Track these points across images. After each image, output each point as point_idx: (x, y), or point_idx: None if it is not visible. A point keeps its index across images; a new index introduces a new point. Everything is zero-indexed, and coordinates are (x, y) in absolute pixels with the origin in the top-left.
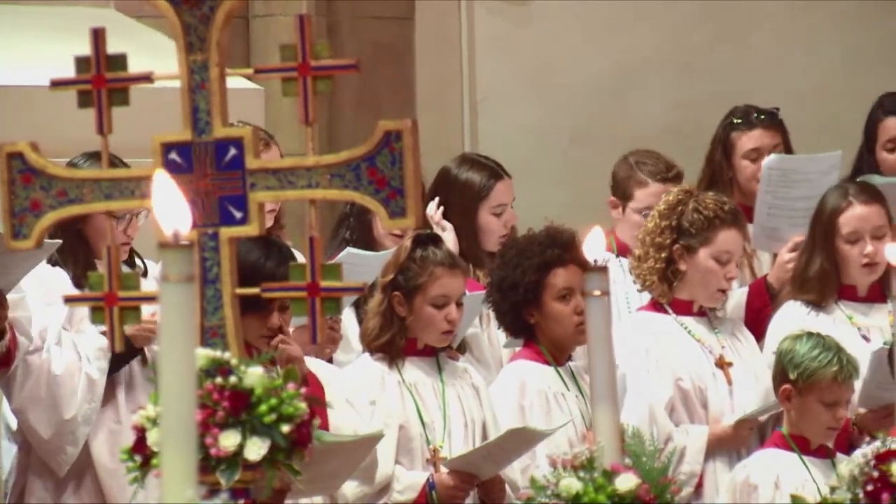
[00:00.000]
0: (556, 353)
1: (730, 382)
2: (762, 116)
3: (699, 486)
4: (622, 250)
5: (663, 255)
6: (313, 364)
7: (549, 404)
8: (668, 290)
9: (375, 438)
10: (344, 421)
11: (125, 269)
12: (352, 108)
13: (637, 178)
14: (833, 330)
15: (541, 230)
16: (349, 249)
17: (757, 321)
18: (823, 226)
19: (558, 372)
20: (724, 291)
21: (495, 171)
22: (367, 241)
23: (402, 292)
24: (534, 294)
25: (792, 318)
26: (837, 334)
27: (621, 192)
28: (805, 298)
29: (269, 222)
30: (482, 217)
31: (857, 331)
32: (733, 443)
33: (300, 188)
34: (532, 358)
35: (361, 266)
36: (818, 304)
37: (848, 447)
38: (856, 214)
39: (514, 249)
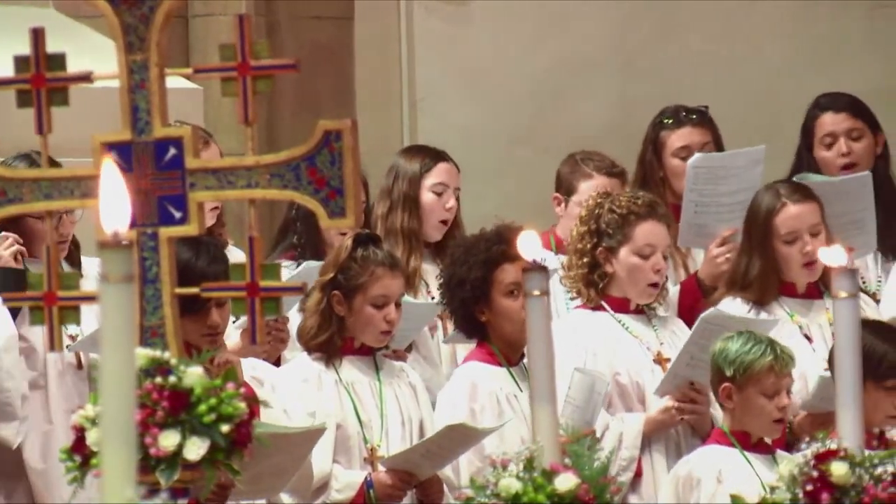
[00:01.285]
0: (508, 353)
1: None
2: (692, 115)
3: (638, 474)
4: (561, 249)
5: (585, 260)
6: (258, 367)
7: (500, 406)
8: (595, 295)
9: (320, 431)
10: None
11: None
12: (291, 108)
13: (582, 172)
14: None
15: (491, 228)
16: (307, 264)
17: (690, 318)
18: (759, 228)
19: (511, 372)
20: (654, 285)
21: (439, 155)
22: (315, 244)
23: (341, 291)
24: (482, 291)
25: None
26: (779, 332)
27: (566, 187)
28: (745, 297)
29: (212, 220)
30: (423, 195)
31: (798, 328)
32: (667, 422)
33: (240, 188)
34: (484, 359)
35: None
36: (759, 303)
37: (785, 450)
38: (791, 214)
39: (462, 247)
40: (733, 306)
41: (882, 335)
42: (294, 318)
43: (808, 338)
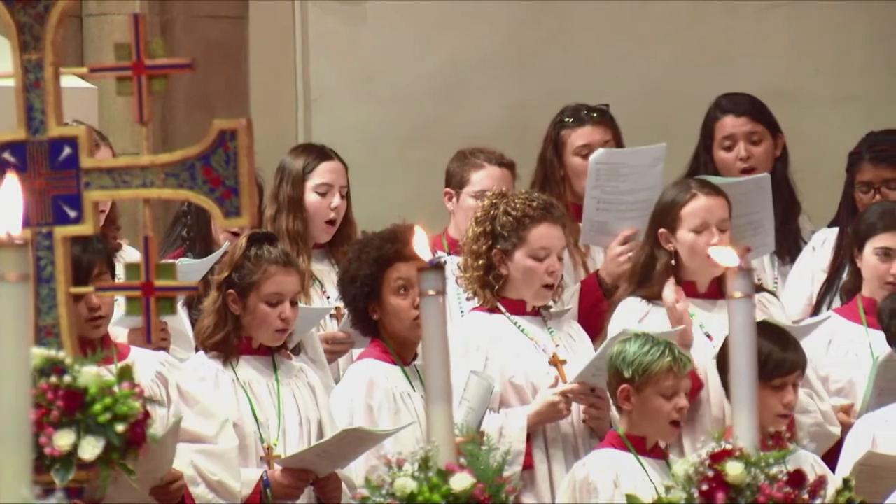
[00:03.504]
0: (401, 352)
1: (564, 380)
2: (592, 114)
3: (527, 466)
4: (454, 248)
5: (481, 262)
6: (177, 373)
7: (396, 404)
8: (490, 296)
9: (176, 428)
10: (199, 429)
11: None
12: (185, 108)
13: (472, 164)
14: (668, 326)
15: (388, 227)
16: (181, 260)
17: (591, 316)
18: (666, 219)
19: (404, 371)
20: (549, 287)
21: (323, 153)
22: (205, 238)
23: (236, 290)
24: (372, 288)
25: (630, 314)
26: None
27: (457, 181)
28: (644, 294)
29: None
30: (307, 196)
31: (699, 328)
32: (552, 413)
33: (135, 187)
34: (379, 357)
35: (192, 273)
36: (657, 299)
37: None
38: (702, 205)
39: (358, 244)
40: (631, 305)
41: (767, 334)
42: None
43: (708, 336)
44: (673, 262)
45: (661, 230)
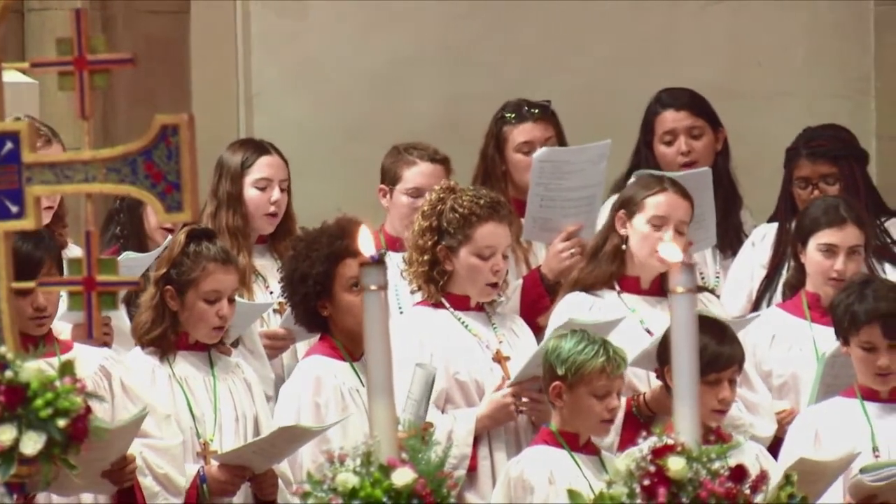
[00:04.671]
0: (350, 348)
1: (508, 377)
2: (534, 110)
3: (472, 469)
4: (391, 244)
5: (426, 257)
6: (120, 368)
7: (344, 401)
8: (435, 290)
9: (140, 419)
10: (143, 425)
11: None
12: (127, 103)
13: (405, 160)
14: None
15: (332, 222)
16: (127, 254)
17: (532, 312)
18: (629, 204)
19: (353, 367)
20: (493, 285)
21: (262, 147)
22: (139, 236)
23: (174, 287)
24: (324, 285)
25: (573, 307)
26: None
27: (390, 177)
28: (588, 282)
29: (47, 219)
30: (246, 192)
31: (639, 323)
32: (502, 413)
33: (77, 182)
34: (327, 353)
35: (134, 268)
36: (600, 290)
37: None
38: (667, 201)
39: (304, 241)
40: (574, 299)
41: (704, 328)
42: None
43: (649, 332)
44: (623, 247)
45: (621, 212)
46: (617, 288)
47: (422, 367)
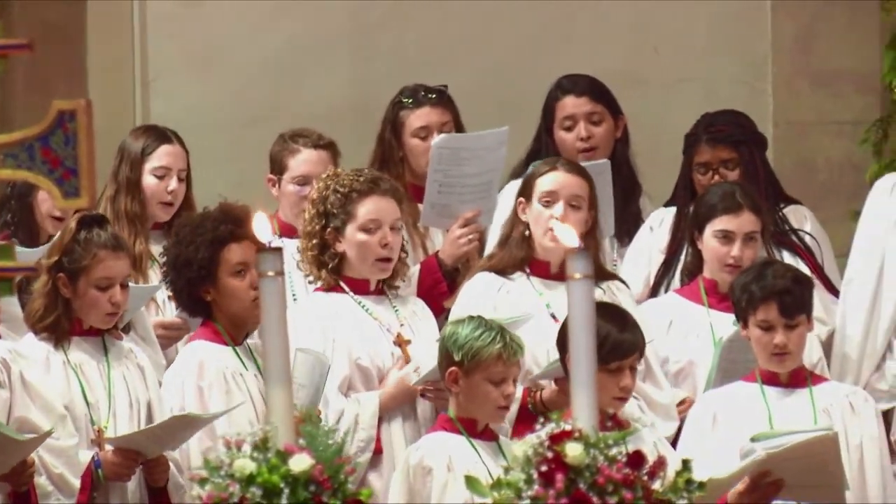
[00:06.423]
0: (233, 332)
1: (408, 360)
2: (431, 95)
3: (378, 451)
4: (285, 231)
5: (314, 242)
6: (22, 362)
7: (228, 384)
8: (327, 275)
9: (46, 436)
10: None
11: None
12: (23, 88)
13: (290, 149)
14: (521, 302)
15: (215, 207)
16: (19, 250)
17: (430, 298)
18: (526, 189)
19: (236, 351)
20: (385, 260)
21: (164, 136)
22: (29, 224)
23: (66, 274)
24: (209, 270)
25: (481, 288)
26: (525, 307)
27: (277, 167)
28: (499, 267)
29: None
30: (144, 178)
31: (545, 307)
32: (405, 396)
33: None
34: (210, 338)
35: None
36: (510, 273)
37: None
38: (554, 178)
39: (188, 227)
40: (483, 280)
41: (605, 316)
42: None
43: (554, 317)
44: (527, 233)
45: (520, 199)
46: (527, 271)
47: (303, 352)
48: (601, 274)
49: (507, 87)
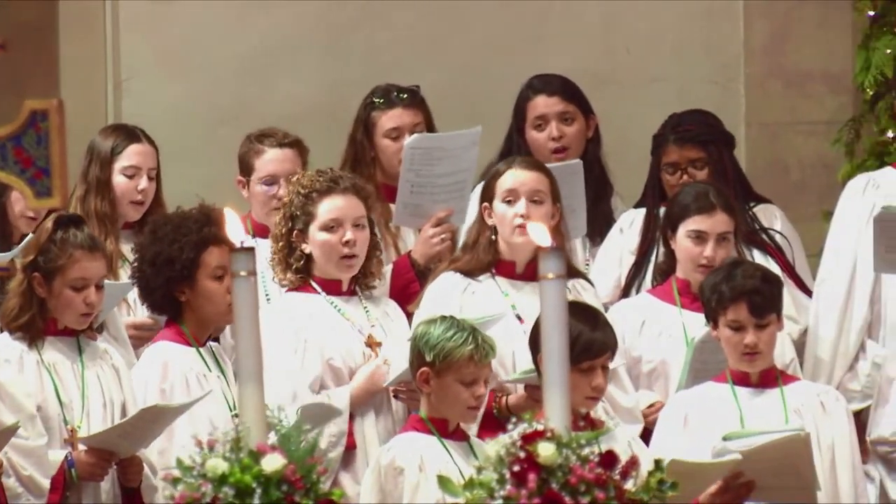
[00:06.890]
0: (197, 334)
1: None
2: (402, 95)
3: (350, 447)
4: (258, 231)
5: (280, 244)
6: None
7: (189, 387)
8: (294, 276)
9: (13, 430)
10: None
11: None
12: None
13: (255, 150)
14: (486, 303)
15: (194, 207)
16: None
17: (402, 298)
18: (487, 192)
19: (199, 352)
20: (349, 257)
21: (133, 135)
22: (2, 224)
23: (41, 274)
24: (189, 271)
25: (447, 288)
26: (490, 308)
27: (245, 168)
28: (466, 269)
29: None
30: (114, 178)
31: (511, 308)
32: (374, 384)
33: None
34: (173, 339)
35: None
36: (477, 275)
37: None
38: (513, 176)
39: (168, 225)
40: (448, 280)
41: (577, 315)
42: None
43: (519, 318)
44: (493, 237)
45: (485, 203)
46: (493, 271)
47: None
48: (568, 271)
49: (479, 88)
